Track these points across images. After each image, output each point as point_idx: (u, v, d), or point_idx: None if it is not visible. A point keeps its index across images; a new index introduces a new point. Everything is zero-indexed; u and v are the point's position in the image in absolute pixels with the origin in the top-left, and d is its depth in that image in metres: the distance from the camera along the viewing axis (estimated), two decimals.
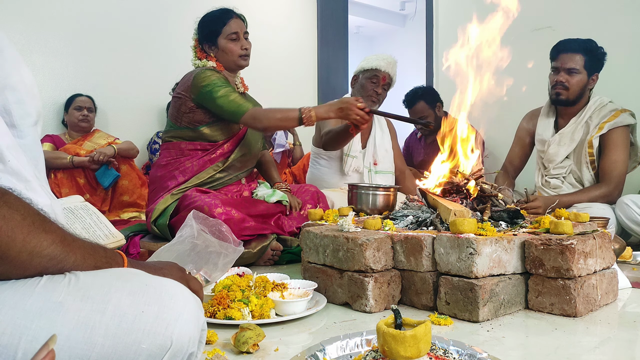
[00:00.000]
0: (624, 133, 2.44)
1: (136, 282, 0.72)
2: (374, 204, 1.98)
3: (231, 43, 2.27)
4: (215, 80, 2.17)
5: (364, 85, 2.84)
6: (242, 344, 1.04)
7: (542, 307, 1.35)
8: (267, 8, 4.81)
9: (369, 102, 2.82)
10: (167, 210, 2.13)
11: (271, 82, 4.59)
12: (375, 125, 3.01)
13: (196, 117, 2.22)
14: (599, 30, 3.20)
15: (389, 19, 8.62)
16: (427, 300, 1.39)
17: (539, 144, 2.68)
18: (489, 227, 1.38)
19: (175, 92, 2.29)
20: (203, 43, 2.31)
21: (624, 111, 2.46)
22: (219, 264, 1.43)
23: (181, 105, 2.24)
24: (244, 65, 2.33)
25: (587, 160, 2.49)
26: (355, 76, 2.93)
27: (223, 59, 2.29)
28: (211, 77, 2.18)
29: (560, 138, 2.55)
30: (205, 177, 2.24)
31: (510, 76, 3.23)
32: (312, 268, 1.58)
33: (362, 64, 2.88)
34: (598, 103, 2.51)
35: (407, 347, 0.78)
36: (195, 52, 2.33)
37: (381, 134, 3.01)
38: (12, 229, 0.64)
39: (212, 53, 2.30)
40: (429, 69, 4.38)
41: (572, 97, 2.48)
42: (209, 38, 2.29)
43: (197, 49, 2.33)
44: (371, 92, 2.82)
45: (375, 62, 2.82)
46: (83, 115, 3.43)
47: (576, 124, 2.52)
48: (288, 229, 2.26)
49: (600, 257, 1.42)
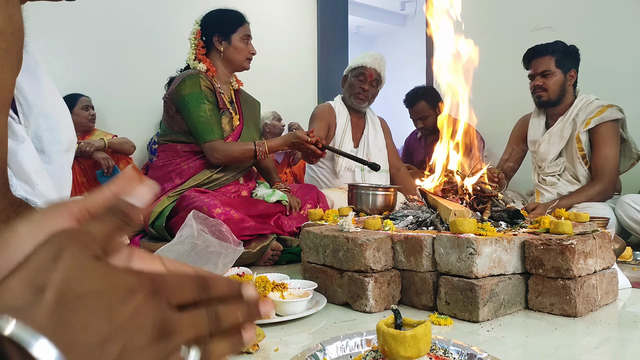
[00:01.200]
0: (612, 128, 2.49)
1: None
2: (374, 204, 1.98)
3: (243, 44, 2.31)
4: (197, 92, 2.17)
5: (351, 84, 2.88)
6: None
7: (542, 307, 1.35)
8: (267, 8, 4.81)
9: (357, 99, 2.88)
10: (164, 213, 2.13)
11: (271, 82, 4.59)
12: (369, 124, 3.02)
13: (184, 124, 2.24)
14: (599, 30, 3.21)
15: (389, 19, 8.62)
16: (427, 300, 1.39)
17: (531, 145, 2.77)
18: (489, 227, 1.38)
19: (164, 95, 2.31)
20: (213, 35, 2.29)
21: (611, 106, 2.50)
22: (219, 264, 1.43)
23: (168, 108, 2.26)
24: (247, 68, 2.37)
25: (578, 156, 2.55)
26: (345, 76, 2.97)
27: (231, 56, 2.30)
28: (195, 86, 2.18)
29: (549, 137, 2.63)
30: (203, 179, 2.24)
31: (510, 76, 3.24)
32: (312, 268, 1.58)
33: (350, 64, 2.93)
34: (584, 101, 2.58)
35: (407, 347, 0.78)
36: (194, 48, 2.31)
37: (374, 133, 3.02)
38: None
39: (221, 47, 2.29)
40: (429, 69, 4.38)
41: (554, 97, 2.58)
42: (224, 31, 2.29)
43: (197, 41, 2.31)
44: (358, 90, 2.86)
45: (362, 60, 2.85)
46: (91, 115, 3.45)
47: (564, 122, 2.60)
48: (288, 229, 2.26)
49: (600, 257, 1.42)
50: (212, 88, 2.25)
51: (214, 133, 2.19)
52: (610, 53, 3.16)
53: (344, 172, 2.88)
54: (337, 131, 2.91)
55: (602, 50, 3.14)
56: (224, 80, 2.36)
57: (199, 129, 2.18)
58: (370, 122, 3.03)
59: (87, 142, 3.24)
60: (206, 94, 2.20)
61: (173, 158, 2.27)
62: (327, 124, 2.87)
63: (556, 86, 2.55)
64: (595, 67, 3.03)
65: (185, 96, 2.17)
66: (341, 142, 2.88)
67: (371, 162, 2.23)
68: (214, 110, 2.23)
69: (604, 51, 3.14)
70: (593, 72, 2.98)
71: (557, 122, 2.62)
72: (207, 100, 2.20)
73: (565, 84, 2.57)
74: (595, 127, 2.48)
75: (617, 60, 3.14)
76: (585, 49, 2.64)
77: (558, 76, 2.55)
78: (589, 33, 3.21)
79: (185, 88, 2.17)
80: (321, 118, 2.88)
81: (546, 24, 3.41)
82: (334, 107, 2.95)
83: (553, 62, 2.54)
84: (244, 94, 2.49)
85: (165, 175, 2.25)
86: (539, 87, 2.58)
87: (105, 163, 3.22)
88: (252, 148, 2.23)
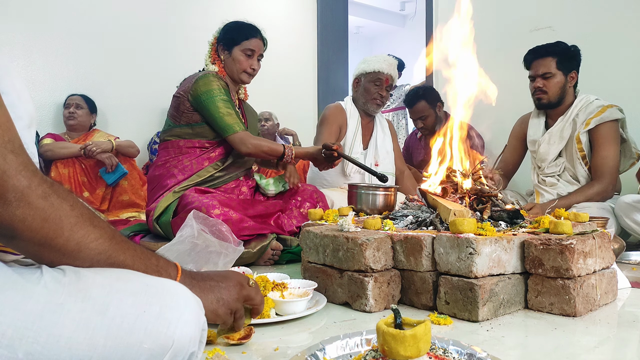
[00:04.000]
0: (612, 128, 2.47)
1: (137, 282, 0.72)
2: (374, 204, 1.99)
3: (243, 57, 2.32)
4: (215, 89, 2.20)
5: (367, 89, 2.88)
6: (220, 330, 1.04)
7: (542, 307, 1.35)
8: (267, 8, 4.82)
9: (374, 105, 2.89)
10: (170, 208, 2.14)
11: (271, 83, 4.60)
12: (377, 127, 3.03)
13: (194, 117, 2.26)
14: (599, 30, 3.21)
15: (389, 19, 8.63)
16: (426, 300, 1.39)
17: (530, 145, 2.75)
18: (489, 227, 1.38)
19: (176, 92, 2.31)
20: (219, 44, 2.35)
21: (611, 106, 2.49)
22: (219, 263, 1.43)
23: (180, 104, 2.26)
24: (245, 81, 2.38)
25: (578, 157, 2.54)
26: (357, 79, 2.95)
27: (229, 67, 2.34)
28: (212, 84, 2.21)
29: (549, 137, 2.61)
30: (206, 176, 2.26)
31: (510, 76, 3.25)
32: (312, 268, 1.58)
33: (363, 67, 2.90)
34: (584, 101, 2.56)
35: (406, 346, 0.78)
36: (210, 52, 2.38)
37: (383, 135, 3.04)
38: (60, 218, 0.67)
39: (222, 56, 2.34)
40: (428, 69, 4.38)
41: (554, 99, 2.56)
42: (227, 43, 2.33)
43: (212, 48, 2.38)
44: (376, 95, 2.87)
45: (377, 65, 2.85)
46: (69, 112, 3.40)
47: (564, 122, 2.58)
48: (288, 228, 2.27)
49: (599, 256, 1.42)
50: (226, 86, 2.29)
51: (240, 124, 2.23)
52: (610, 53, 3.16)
53: (354, 174, 2.91)
54: (348, 133, 2.93)
55: (601, 51, 3.14)
56: (231, 88, 2.38)
57: (226, 121, 2.19)
58: (379, 124, 3.05)
59: (95, 142, 3.24)
60: (222, 90, 2.24)
61: (175, 155, 2.28)
62: (338, 127, 2.89)
63: (556, 88, 2.53)
64: (595, 67, 3.03)
65: (206, 92, 2.19)
66: (352, 144, 2.91)
67: (381, 174, 2.24)
68: (232, 105, 2.27)
69: (603, 51, 3.14)
70: (593, 72, 2.98)
71: (557, 123, 2.60)
72: (226, 95, 2.24)
73: (565, 86, 2.55)
74: (595, 127, 2.47)
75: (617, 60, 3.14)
76: (585, 49, 2.63)
77: (559, 78, 2.52)
78: (588, 33, 3.21)
79: (205, 85, 2.20)
80: (333, 121, 2.88)
81: (546, 24, 3.41)
82: (345, 108, 2.95)
83: (554, 64, 2.51)
84: (246, 105, 2.54)
85: (167, 172, 2.26)
86: (539, 89, 2.55)
87: (109, 162, 3.23)
88: (280, 150, 2.29)
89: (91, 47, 3.80)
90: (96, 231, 0.72)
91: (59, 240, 0.68)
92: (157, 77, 4.03)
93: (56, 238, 0.67)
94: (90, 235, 0.71)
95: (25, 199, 0.64)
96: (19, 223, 0.64)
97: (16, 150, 0.65)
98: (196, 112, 2.24)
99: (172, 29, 4.17)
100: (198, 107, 2.22)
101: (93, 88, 3.70)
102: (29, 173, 0.65)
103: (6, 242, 0.68)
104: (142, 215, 3.18)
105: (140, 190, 3.37)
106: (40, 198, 0.66)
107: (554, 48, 2.52)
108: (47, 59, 3.63)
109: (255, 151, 2.25)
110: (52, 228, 0.67)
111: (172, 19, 4.19)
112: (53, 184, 0.68)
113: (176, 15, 4.21)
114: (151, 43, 4.08)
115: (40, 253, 0.69)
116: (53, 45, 3.65)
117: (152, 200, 2.27)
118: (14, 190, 0.64)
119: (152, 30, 4.09)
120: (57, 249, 0.68)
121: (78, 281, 0.68)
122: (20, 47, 3.53)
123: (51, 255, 0.69)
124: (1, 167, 0.63)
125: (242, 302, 0.94)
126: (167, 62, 4.08)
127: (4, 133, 0.64)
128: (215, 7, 4.38)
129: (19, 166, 0.64)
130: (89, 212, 0.72)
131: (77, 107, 3.42)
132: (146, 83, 4.04)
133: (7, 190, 0.63)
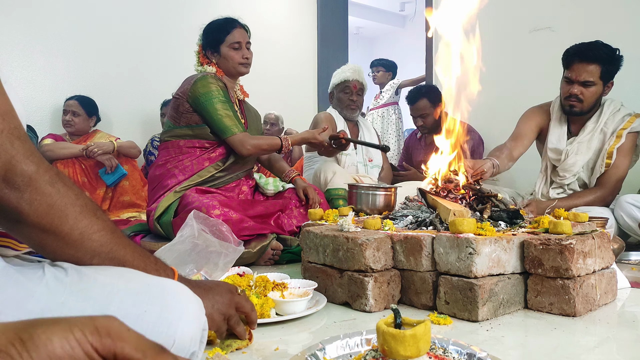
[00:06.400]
0: (634, 139, 2.41)
1: (138, 281, 0.73)
2: (374, 204, 1.99)
3: (232, 52, 2.32)
4: (213, 91, 2.21)
5: (340, 99, 3.14)
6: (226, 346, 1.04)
7: (542, 307, 1.36)
8: (267, 8, 4.82)
9: (349, 110, 3.14)
10: (171, 208, 2.15)
11: (271, 83, 4.60)
12: (362, 129, 3.24)
13: (194, 118, 2.26)
14: (599, 31, 3.21)
15: (389, 20, 8.64)
16: (426, 299, 1.40)
17: (552, 153, 2.54)
18: (489, 227, 1.39)
19: (175, 94, 2.31)
20: (206, 49, 2.35)
21: (638, 116, 2.40)
22: (219, 263, 1.43)
23: (179, 105, 2.27)
24: (244, 72, 2.38)
25: (601, 170, 2.40)
26: (331, 93, 3.22)
27: (224, 65, 2.34)
28: (211, 85, 2.21)
29: (578, 147, 2.44)
30: (207, 176, 2.27)
31: (510, 76, 3.24)
32: (312, 268, 1.59)
33: (332, 81, 3.20)
34: (612, 108, 2.42)
35: (406, 346, 0.78)
36: (198, 58, 2.39)
37: (369, 134, 3.25)
38: (66, 205, 0.68)
39: (214, 60, 2.35)
40: (428, 69, 4.38)
41: (587, 109, 2.40)
42: (212, 45, 2.33)
43: (200, 54, 2.38)
44: (348, 102, 3.12)
45: (343, 75, 3.12)
46: (66, 120, 3.39)
47: (593, 132, 2.43)
48: (288, 228, 2.27)
49: (599, 256, 1.42)
50: (224, 87, 2.29)
51: (238, 126, 2.24)
52: None
53: (348, 167, 3.06)
54: None
55: None
56: (230, 86, 2.38)
57: (224, 123, 2.21)
58: (363, 126, 3.26)
59: (96, 143, 3.24)
60: (220, 91, 2.24)
61: (176, 155, 2.29)
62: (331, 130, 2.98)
63: (593, 98, 2.35)
64: None
65: (204, 94, 2.20)
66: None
67: (383, 145, 2.53)
68: (231, 106, 2.27)
69: None
70: None
71: (584, 132, 2.45)
72: (224, 97, 2.24)
73: (601, 96, 2.38)
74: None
75: None
76: None
77: (598, 88, 2.33)
78: (588, 33, 3.20)
79: (204, 86, 2.21)
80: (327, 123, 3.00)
81: (546, 24, 3.41)
82: (333, 115, 3.16)
83: (598, 72, 2.30)
84: (247, 105, 2.54)
85: (167, 172, 2.27)
86: (574, 97, 2.34)
87: (109, 163, 3.23)
88: (278, 142, 2.33)
89: (92, 49, 3.80)
90: (99, 222, 0.72)
91: (64, 227, 0.68)
92: (157, 79, 4.04)
93: (61, 225, 0.68)
94: (93, 226, 0.71)
95: (33, 183, 0.65)
96: (25, 206, 0.65)
97: (22, 137, 0.66)
98: (195, 113, 2.24)
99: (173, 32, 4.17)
100: (197, 109, 2.23)
101: (93, 89, 3.71)
102: (37, 159, 0.66)
103: (11, 226, 0.68)
104: (143, 215, 3.19)
105: (141, 191, 3.37)
106: (48, 184, 0.66)
107: (603, 54, 2.31)
108: (47, 60, 3.63)
109: (256, 151, 2.27)
110: (58, 215, 0.67)
111: (173, 22, 4.20)
112: (59, 173, 0.69)
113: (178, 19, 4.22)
114: (152, 45, 4.08)
115: (43, 241, 0.69)
116: (54, 46, 3.65)
117: (153, 200, 2.27)
118: (22, 174, 0.64)
119: (153, 33, 4.09)
120: (62, 237, 0.68)
121: (80, 280, 0.68)
122: (20, 48, 3.53)
123: (54, 244, 0.69)
124: (9, 152, 0.63)
125: (234, 309, 0.94)
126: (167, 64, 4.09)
127: (10, 120, 0.65)
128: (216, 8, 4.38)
129: (26, 152, 0.65)
130: (93, 204, 0.72)
131: (73, 114, 3.39)
132: (147, 83, 4.04)
133: (16, 174, 0.64)
